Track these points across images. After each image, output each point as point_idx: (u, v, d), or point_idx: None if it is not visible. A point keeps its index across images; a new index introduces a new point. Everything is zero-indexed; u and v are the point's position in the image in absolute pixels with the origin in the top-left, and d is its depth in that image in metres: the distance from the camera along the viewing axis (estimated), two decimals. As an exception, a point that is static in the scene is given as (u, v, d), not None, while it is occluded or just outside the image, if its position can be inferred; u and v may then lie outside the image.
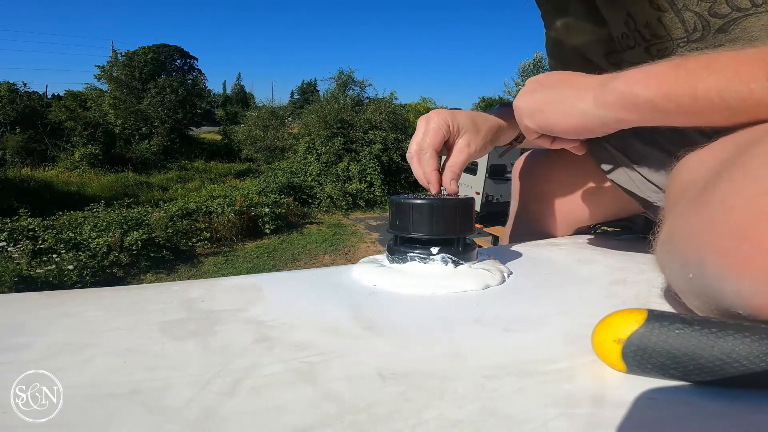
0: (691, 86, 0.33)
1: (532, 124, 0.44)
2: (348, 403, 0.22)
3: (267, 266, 5.57)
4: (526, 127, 0.45)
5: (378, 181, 9.22)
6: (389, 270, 0.42)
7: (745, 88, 0.30)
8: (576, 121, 0.41)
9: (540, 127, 0.44)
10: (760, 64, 0.30)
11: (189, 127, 15.12)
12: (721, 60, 0.32)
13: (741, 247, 0.23)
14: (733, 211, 0.24)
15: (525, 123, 0.45)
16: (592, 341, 0.25)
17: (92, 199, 7.81)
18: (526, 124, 0.45)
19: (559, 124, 0.42)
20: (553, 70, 0.47)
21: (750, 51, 0.31)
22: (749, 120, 0.31)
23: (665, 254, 0.32)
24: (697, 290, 0.27)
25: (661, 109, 0.35)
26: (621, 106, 0.37)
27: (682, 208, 0.30)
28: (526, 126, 0.45)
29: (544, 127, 0.44)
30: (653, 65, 0.35)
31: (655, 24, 0.44)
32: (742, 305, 0.24)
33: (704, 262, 0.26)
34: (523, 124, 0.46)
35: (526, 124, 0.45)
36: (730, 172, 0.26)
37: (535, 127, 0.45)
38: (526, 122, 0.45)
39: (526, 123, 0.45)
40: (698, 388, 0.23)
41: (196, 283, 0.39)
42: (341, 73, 11.77)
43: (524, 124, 0.45)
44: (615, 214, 0.67)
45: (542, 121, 0.43)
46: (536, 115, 0.44)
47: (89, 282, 4.60)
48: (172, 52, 17.74)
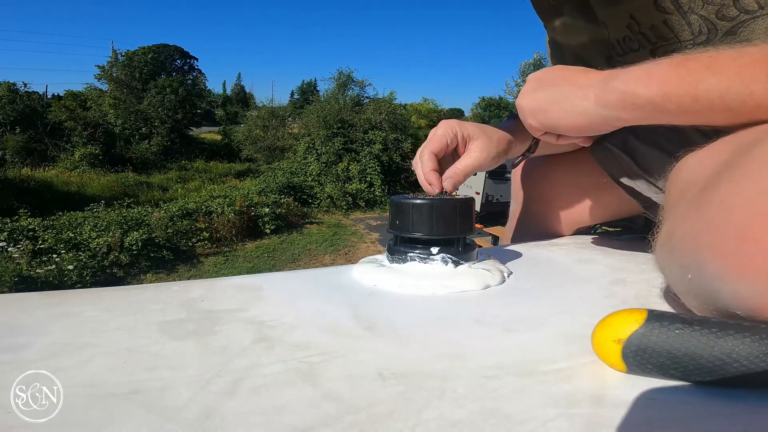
0: (692, 87, 0.33)
1: (535, 123, 0.45)
2: (348, 403, 0.22)
3: (267, 266, 5.57)
4: (530, 125, 0.46)
5: (378, 181, 9.23)
6: (389, 270, 0.42)
7: (746, 90, 0.30)
8: (579, 120, 0.41)
9: (544, 126, 0.44)
10: (761, 65, 0.30)
11: (189, 127, 15.11)
12: (721, 60, 0.32)
13: (741, 247, 0.23)
14: (733, 212, 0.24)
15: (529, 122, 0.46)
16: (592, 341, 0.25)
17: (92, 199, 7.81)
18: (530, 123, 0.45)
19: (563, 123, 0.43)
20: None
21: (752, 50, 0.31)
22: (749, 121, 0.31)
23: (664, 255, 0.32)
24: (696, 291, 0.27)
25: (662, 109, 0.35)
26: (622, 106, 0.37)
27: (681, 209, 0.30)
28: (530, 125, 0.46)
29: (548, 126, 0.44)
30: (654, 63, 0.35)
31: (661, 26, 0.44)
32: (741, 306, 0.24)
33: (703, 263, 0.26)
34: (527, 123, 0.46)
35: (530, 123, 0.46)
36: (731, 172, 0.26)
37: (539, 126, 0.45)
38: (530, 121, 0.45)
39: (530, 122, 0.45)
40: (698, 388, 0.23)
41: (196, 283, 0.39)
42: (341, 73, 11.78)
43: (528, 123, 0.46)
44: (615, 214, 0.67)
45: (546, 120, 0.44)
46: (539, 115, 0.44)
47: (89, 282, 4.60)
48: (172, 52, 17.73)
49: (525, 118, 0.46)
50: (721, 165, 0.28)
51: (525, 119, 0.46)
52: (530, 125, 0.46)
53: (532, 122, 0.45)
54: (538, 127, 0.45)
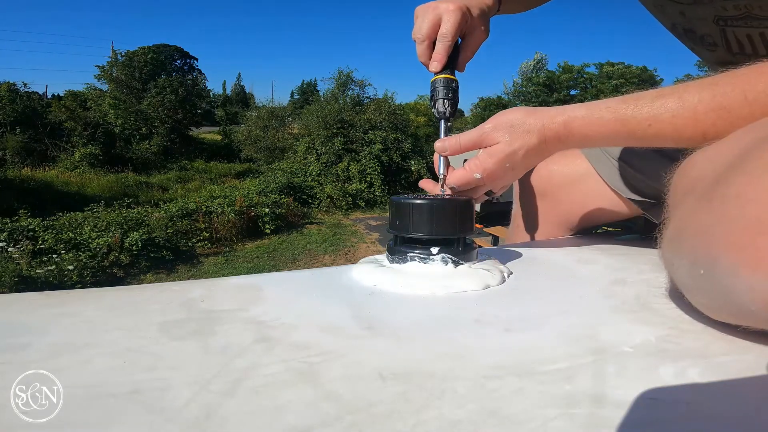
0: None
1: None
2: (348, 403, 0.22)
3: (267, 266, 5.57)
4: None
5: (378, 181, 9.21)
6: (389, 270, 0.42)
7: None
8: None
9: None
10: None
11: (189, 127, 15.10)
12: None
13: (756, 240, 0.23)
14: (748, 205, 0.24)
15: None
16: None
17: (92, 199, 7.80)
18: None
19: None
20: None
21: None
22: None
23: (673, 251, 0.32)
24: (707, 287, 0.27)
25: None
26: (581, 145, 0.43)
27: (691, 204, 0.30)
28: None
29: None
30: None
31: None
32: (756, 301, 0.24)
33: (716, 258, 0.25)
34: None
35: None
36: (745, 165, 0.26)
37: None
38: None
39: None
40: (698, 388, 0.23)
41: (196, 283, 0.39)
42: (341, 73, 11.77)
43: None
44: (615, 215, 0.67)
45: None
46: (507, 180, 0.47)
47: (89, 282, 4.59)
48: (172, 52, 17.72)
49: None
50: (734, 159, 0.28)
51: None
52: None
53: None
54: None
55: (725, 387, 0.24)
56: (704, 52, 0.50)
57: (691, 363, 0.26)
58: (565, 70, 17.71)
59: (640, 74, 16.40)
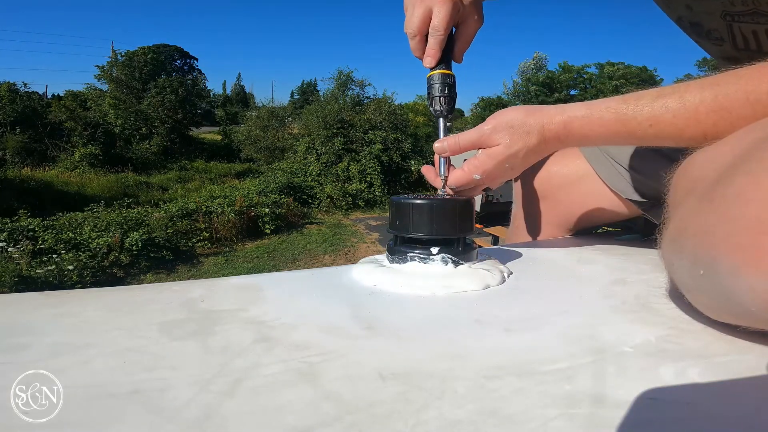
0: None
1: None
2: (348, 403, 0.22)
3: (267, 266, 5.57)
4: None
5: (378, 181, 9.21)
6: (389, 270, 0.42)
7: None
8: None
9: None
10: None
11: (189, 127, 15.10)
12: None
13: (758, 240, 0.23)
14: (750, 204, 0.24)
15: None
16: None
17: (92, 199, 7.80)
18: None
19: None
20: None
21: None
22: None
23: (673, 251, 0.32)
24: (708, 287, 0.27)
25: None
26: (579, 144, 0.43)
27: (691, 204, 0.30)
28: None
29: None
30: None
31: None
32: (757, 301, 0.24)
33: (717, 258, 0.25)
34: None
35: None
36: (747, 165, 0.26)
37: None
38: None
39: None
40: (698, 388, 0.23)
41: (196, 283, 0.39)
42: (341, 73, 11.77)
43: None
44: (615, 216, 0.67)
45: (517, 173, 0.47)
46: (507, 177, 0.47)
47: (89, 282, 4.60)
48: (172, 52, 17.73)
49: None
50: (735, 159, 0.28)
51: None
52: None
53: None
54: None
55: (725, 387, 0.24)
56: (710, 46, 0.50)
57: (691, 363, 0.26)
58: (565, 70, 17.72)
59: (640, 74, 16.41)
